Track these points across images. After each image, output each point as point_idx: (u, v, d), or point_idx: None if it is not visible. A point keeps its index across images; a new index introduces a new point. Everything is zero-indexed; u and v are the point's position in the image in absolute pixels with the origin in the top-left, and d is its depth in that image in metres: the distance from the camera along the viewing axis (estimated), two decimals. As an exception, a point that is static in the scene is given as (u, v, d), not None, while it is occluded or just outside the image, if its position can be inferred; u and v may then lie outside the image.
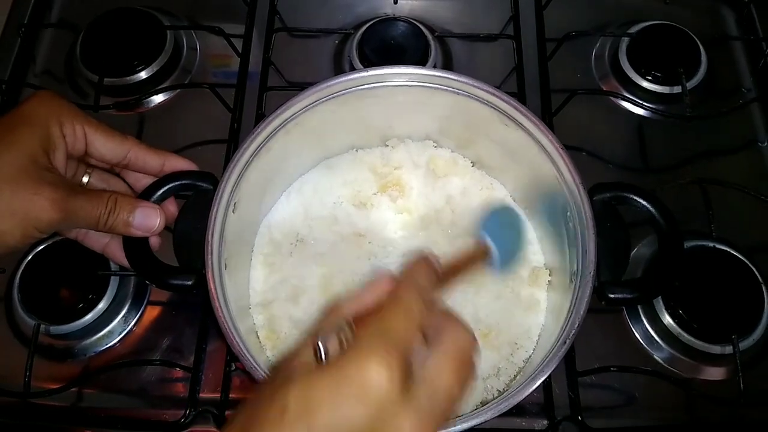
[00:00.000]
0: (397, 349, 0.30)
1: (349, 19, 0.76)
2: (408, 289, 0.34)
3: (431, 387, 0.32)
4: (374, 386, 0.29)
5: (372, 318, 0.33)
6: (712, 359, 0.58)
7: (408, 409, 0.30)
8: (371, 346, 0.30)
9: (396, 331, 0.32)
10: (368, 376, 0.29)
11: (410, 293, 0.34)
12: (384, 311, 0.33)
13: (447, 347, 0.33)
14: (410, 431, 0.30)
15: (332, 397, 0.29)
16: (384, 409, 0.29)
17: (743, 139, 0.70)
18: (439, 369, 0.32)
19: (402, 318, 0.33)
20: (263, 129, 0.52)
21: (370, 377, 0.29)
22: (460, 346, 0.34)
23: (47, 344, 0.58)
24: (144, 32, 0.72)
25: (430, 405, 0.31)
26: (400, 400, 0.30)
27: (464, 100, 0.54)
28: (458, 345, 0.34)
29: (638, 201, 0.50)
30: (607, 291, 0.48)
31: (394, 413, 0.30)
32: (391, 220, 0.61)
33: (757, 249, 0.62)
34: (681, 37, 0.72)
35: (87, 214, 0.45)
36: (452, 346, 0.33)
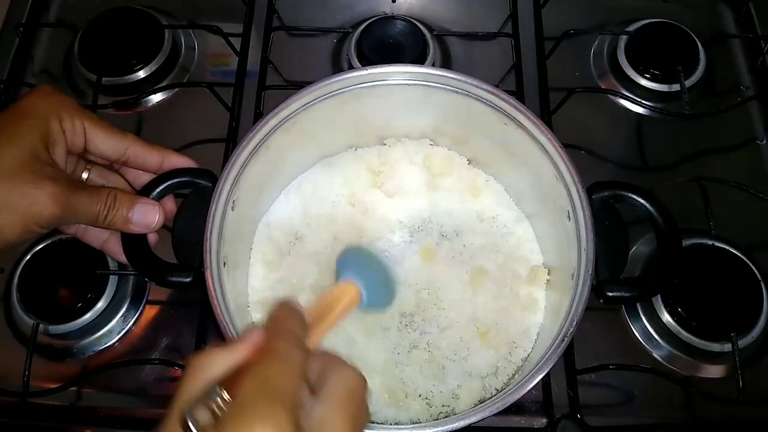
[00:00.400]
0: (283, 405, 0.28)
1: (347, 17, 0.76)
2: (281, 337, 0.32)
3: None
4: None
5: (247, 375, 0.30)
6: (711, 357, 0.58)
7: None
8: (254, 406, 0.27)
9: (277, 384, 0.29)
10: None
11: (284, 341, 0.32)
12: (259, 365, 0.30)
13: (334, 391, 0.31)
14: None
15: None
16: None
17: (742, 137, 0.70)
18: (329, 417, 0.30)
19: (281, 369, 0.30)
20: (262, 127, 0.52)
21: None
22: (347, 387, 0.32)
23: (46, 343, 0.58)
24: (142, 31, 0.72)
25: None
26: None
27: (463, 98, 0.54)
28: (346, 387, 0.32)
29: (636, 200, 0.50)
30: (605, 289, 0.48)
31: None
32: (388, 218, 0.60)
33: (755, 247, 0.62)
34: (679, 35, 0.72)
35: (87, 209, 0.45)
36: (339, 389, 0.31)
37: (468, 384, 0.53)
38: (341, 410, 0.30)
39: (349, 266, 0.43)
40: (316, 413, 0.30)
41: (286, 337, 0.32)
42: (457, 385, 0.53)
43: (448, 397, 0.53)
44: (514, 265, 0.58)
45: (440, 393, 0.53)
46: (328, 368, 0.32)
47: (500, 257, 0.58)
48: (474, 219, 0.61)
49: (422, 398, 0.53)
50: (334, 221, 0.60)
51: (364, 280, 0.42)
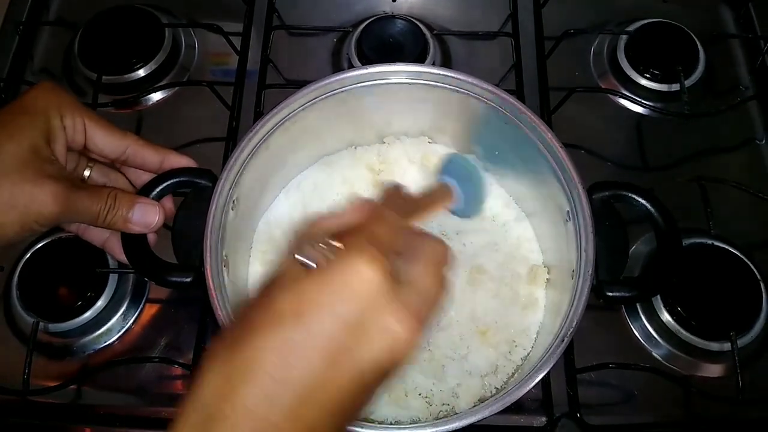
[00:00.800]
0: (384, 253, 0.32)
1: (347, 17, 0.76)
2: (387, 208, 0.38)
3: (415, 288, 0.34)
4: (363, 283, 0.31)
5: (356, 229, 0.35)
6: (711, 356, 0.58)
7: (394, 304, 0.32)
8: (360, 248, 0.32)
9: (381, 238, 0.34)
10: (358, 274, 0.31)
11: (389, 211, 0.37)
12: (367, 224, 0.35)
13: (425, 255, 0.36)
14: (397, 326, 0.31)
15: (324, 296, 0.31)
16: (373, 304, 0.31)
17: (741, 137, 0.70)
18: (421, 273, 0.35)
19: (385, 228, 0.35)
20: (262, 126, 0.52)
21: (359, 275, 0.31)
22: (436, 254, 0.36)
23: (46, 342, 0.58)
24: (142, 30, 0.72)
25: (415, 303, 0.33)
26: (386, 294, 0.31)
27: (463, 97, 0.54)
28: (435, 253, 0.36)
29: (637, 200, 0.50)
30: (605, 289, 0.48)
31: (383, 307, 0.31)
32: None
33: (755, 246, 0.62)
34: (679, 35, 0.72)
35: (87, 209, 0.45)
36: (429, 253, 0.36)
37: (467, 383, 0.53)
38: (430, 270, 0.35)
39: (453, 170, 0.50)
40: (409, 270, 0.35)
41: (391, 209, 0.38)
42: (457, 383, 0.53)
43: (448, 395, 0.53)
44: (514, 264, 0.58)
45: (440, 392, 0.53)
46: (420, 239, 0.37)
47: (500, 256, 0.58)
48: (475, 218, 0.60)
49: (422, 397, 0.53)
50: (335, 221, 0.60)
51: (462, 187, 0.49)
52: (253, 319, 0.31)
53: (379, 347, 0.31)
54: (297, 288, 0.31)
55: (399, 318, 0.31)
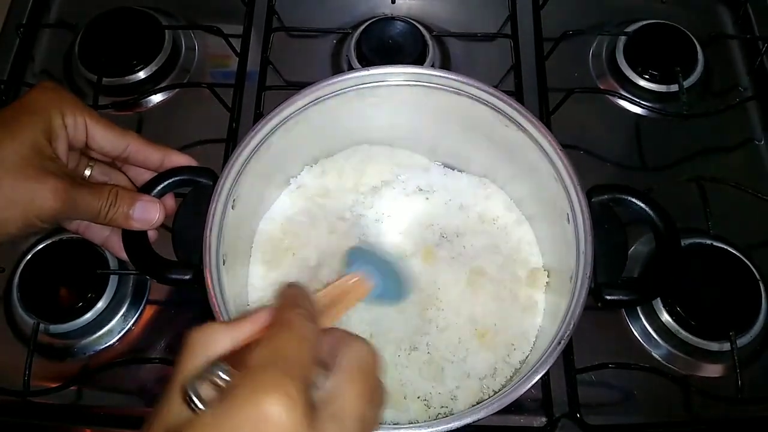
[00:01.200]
0: (293, 375, 0.26)
1: (347, 18, 0.76)
2: (294, 311, 0.31)
3: (337, 413, 0.28)
4: (275, 422, 0.25)
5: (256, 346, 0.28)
6: (710, 356, 0.58)
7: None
8: (264, 375, 0.26)
9: (288, 355, 0.28)
10: (266, 410, 0.25)
11: (298, 315, 0.30)
12: (270, 337, 0.29)
13: (345, 364, 0.30)
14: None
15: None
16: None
17: (740, 137, 0.70)
18: (342, 391, 0.29)
19: (294, 341, 0.29)
20: (263, 127, 0.52)
21: (268, 412, 0.25)
22: (361, 362, 0.30)
23: (47, 343, 0.58)
24: (142, 32, 0.73)
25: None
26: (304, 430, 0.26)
27: (464, 100, 0.54)
28: (359, 362, 0.30)
29: (636, 203, 0.50)
30: (604, 293, 0.48)
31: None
32: (390, 218, 0.61)
33: (754, 246, 0.62)
34: (678, 35, 0.72)
35: (88, 205, 0.45)
36: (352, 364, 0.30)
37: (466, 385, 0.53)
38: (353, 382, 0.29)
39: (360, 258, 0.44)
40: (328, 388, 0.29)
41: (297, 311, 0.31)
42: (456, 386, 0.53)
43: (446, 398, 0.53)
44: (514, 267, 0.58)
45: (439, 394, 0.53)
46: (340, 343, 0.31)
47: (500, 259, 0.58)
48: (475, 220, 0.61)
49: (421, 399, 0.53)
50: (335, 221, 0.60)
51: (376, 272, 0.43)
52: None
53: None
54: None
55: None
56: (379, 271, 0.44)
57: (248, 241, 0.59)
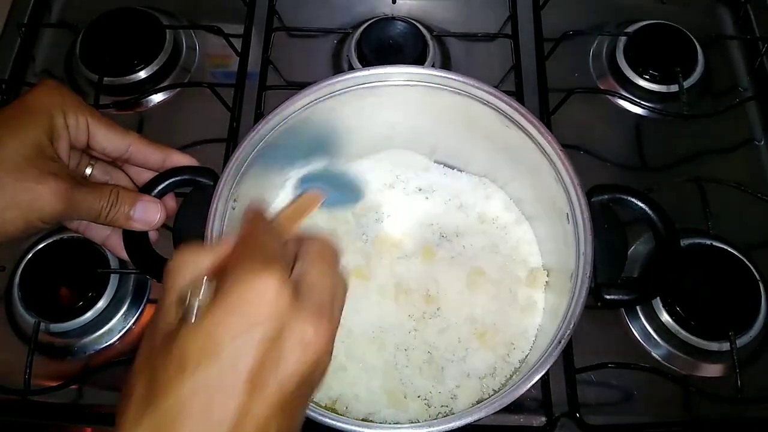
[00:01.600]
0: (277, 260, 0.31)
1: (347, 18, 0.76)
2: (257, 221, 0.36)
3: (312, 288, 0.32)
4: (267, 300, 0.29)
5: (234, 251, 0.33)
6: (710, 356, 0.58)
7: (302, 312, 0.30)
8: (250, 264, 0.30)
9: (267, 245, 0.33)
10: (257, 290, 0.29)
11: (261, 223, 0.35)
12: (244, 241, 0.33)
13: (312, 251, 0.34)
14: (311, 330, 0.30)
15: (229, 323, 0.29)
16: (281, 317, 0.30)
17: (740, 138, 0.70)
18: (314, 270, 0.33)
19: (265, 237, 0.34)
20: (264, 126, 0.52)
21: (259, 291, 0.29)
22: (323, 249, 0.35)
23: (47, 342, 0.59)
24: (143, 32, 0.73)
25: (319, 304, 0.32)
26: (293, 305, 0.30)
27: (465, 100, 0.54)
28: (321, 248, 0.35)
29: (636, 203, 0.50)
30: (603, 292, 0.48)
31: (292, 318, 0.30)
32: (390, 218, 0.61)
33: (754, 246, 0.62)
34: (678, 36, 0.72)
35: (89, 206, 0.45)
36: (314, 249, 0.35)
37: (466, 384, 0.53)
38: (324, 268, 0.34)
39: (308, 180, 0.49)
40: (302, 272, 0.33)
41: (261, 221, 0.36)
42: (456, 385, 0.54)
43: (446, 397, 0.53)
44: (514, 267, 0.58)
45: (439, 394, 0.53)
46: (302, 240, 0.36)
47: (499, 259, 0.59)
48: (475, 220, 0.61)
49: (421, 399, 0.53)
50: (337, 221, 0.60)
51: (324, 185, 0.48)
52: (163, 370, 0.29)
53: (297, 359, 0.30)
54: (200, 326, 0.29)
55: (312, 324, 0.30)
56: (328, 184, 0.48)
57: (249, 240, 0.59)
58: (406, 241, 0.60)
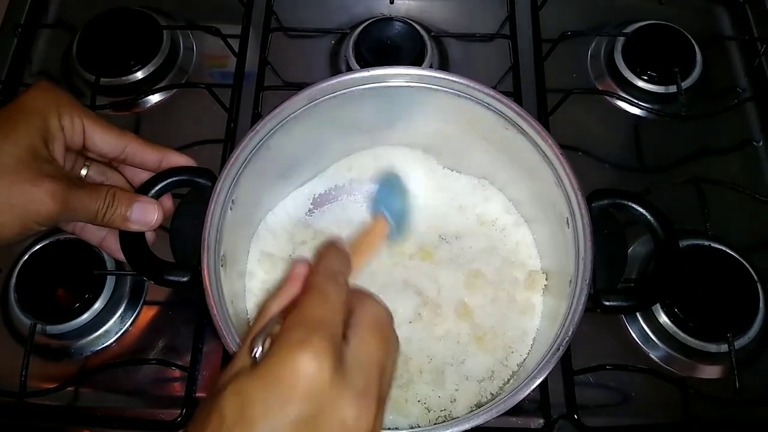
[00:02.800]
0: (321, 335, 0.30)
1: (345, 19, 0.76)
2: (322, 274, 0.35)
3: (360, 364, 0.31)
4: (304, 377, 0.29)
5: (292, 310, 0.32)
6: (708, 358, 0.58)
7: (344, 391, 0.30)
8: (292, 337, 0.30)
9: (316, 316, 0.32)
10: (296, 368, 0.29)
11: (325, 279, 0.34)
12: (300, 301, 0.33)
13: (364, 321, 0.33)
14: (352, 413, 0.30)
15: (265, 397, 0.29)
16: (320, 397, 0.29)
17: (738, 139, 0.70)
18: (363, 344, 0.32)
19: (320, 303, 0.33)
20: (262, 127, 0.52)
21: (297, 369, 0.29)
22: (376, 318, 0.34)
23: (44, 344, 0.58)
24: (140, 32, 0.72)
25: (365, 382, 0.31)
26: (335, 384, 0.29)
27: (464, 101, 0.54)
28: (375, 318, 0.34)
29: (636, 208, 0.50)
30: (602, 298, 0.48)
31: (332, 399, 0.29)
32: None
33: (752, 247, 0.62)
34: (676, 36, 0.72)
35: (85, 207, 0.45)
36: (369, 319, 0.34)
37: (465, 388, 0.53)
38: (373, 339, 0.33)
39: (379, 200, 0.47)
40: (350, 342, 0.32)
41: (327, 274, 0.35)
42: (455, 389, 0.53)
43: (446, 401, 0.53)
44: (512, 270, 0.58)
45: (438, 398, 0.53)
46: (357, 302, 0.35)
47: (498, 261, 0.58)
48: (474, 222, 0.61)
49: (421, 403, 0.53)
50: (335, 223, 0.60)
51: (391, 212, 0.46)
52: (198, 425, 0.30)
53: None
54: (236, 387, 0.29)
55: (354, 405, 0.30)
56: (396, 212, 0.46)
57: (246, 242, 0.59)
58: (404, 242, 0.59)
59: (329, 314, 0.32)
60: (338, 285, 0.34)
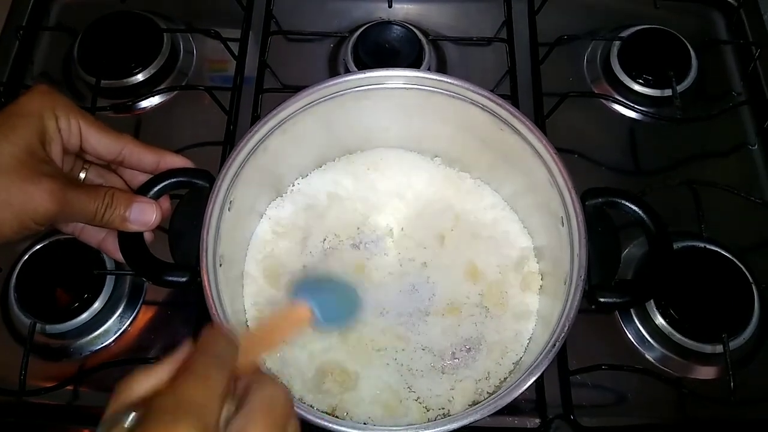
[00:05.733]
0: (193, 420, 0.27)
1: (344, 22, 0.76)
2: (203, 356, 0.31)
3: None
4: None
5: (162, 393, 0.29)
6: (703, 358, 0.59)
7: None
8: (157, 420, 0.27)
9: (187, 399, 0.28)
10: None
11: (206, 360, 0.31)
12: (176, 384, 0.29)
13: (252, 403, 0.30)
14: None
15: None
16: None
17: (733, 142, 0.71)
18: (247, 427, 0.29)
19: (198, 382, 0.29)
20: (260, 128, 0.52)
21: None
22: (268, 398, 0.31)
23: (43, 343, 0.59)
24: (141, 35, 0.73)
25: None
26: None
27: (461, 103, 0.54)
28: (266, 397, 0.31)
29: (629, 206, 0.50)
30: (597, 295, 0.48)
31: None
32: (386, 222, 0.61)
33: (746, 249, 0.63)
34: (672, 40, 0.73)
35: (84, 207, 0.45)
36: (257, 400, 0.31)
37: (462, 387, 0.54)
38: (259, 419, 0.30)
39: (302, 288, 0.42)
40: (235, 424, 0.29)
41: (208, 356, 0.31)
42: (451, 388, 0.54)
43: (444, 400, 0.53)
44: (507, 270, 0.59)
45: (436, 396, 0.54)
46: (252, 384, 0.32)
47: (494, 261, 0.59)
48: (469, 222, 0.61)
49: (419, 402, 0.53)
50: (331, 224, 0.60)
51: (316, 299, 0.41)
52: None
53: None
54: None
55: None
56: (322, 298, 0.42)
57: (244, 243, 0.59)
58: (400, 243, 0.60)
59: (206, 400, 0.29)
60: (222, 369, 0.31)
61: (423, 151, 0.63)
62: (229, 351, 0.33)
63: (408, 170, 0.63)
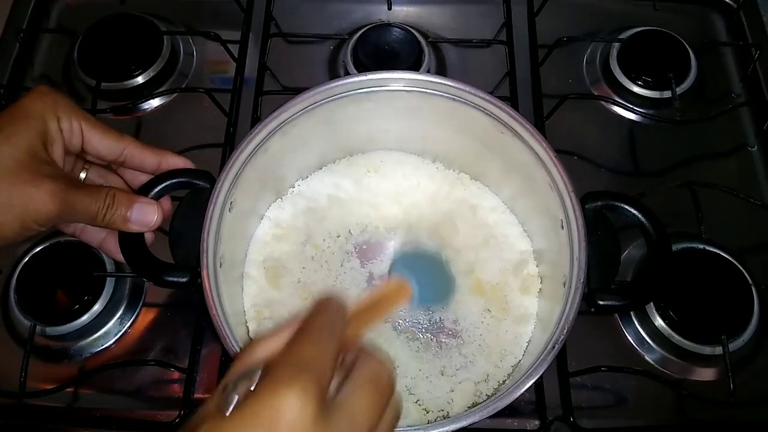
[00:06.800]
0: (309, 376, 0.29)
1: (343, 24, 0.76)
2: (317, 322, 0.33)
3: (348, 416, 0.30)
4: (285, 419, 0.27)
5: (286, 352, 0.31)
6: (703, 360, 0.59)
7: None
8: (280, 376, 0.29)
9: (306, 357, 0.30)
10: (278, 408, 0.27)
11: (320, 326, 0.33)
12: (293, 342, 0.31)
13: (362, 375, 0.32)
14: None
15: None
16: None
17: (733, 143, 0.71)
18: (355, 397, 0.31)
19: (312, 344, 0.31)
20: (261, 130, 0.52)
21: (280, 410, 0.27)
22: (375, 374, 0.32)
23: (43, 345, 0.59)
24: (141, 37, 0.73)
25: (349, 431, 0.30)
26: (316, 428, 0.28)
27: (461, 106, 0.55)
28: (374, 374, 0.32)
29: (629, 210, 0.50)
30: (597, 298, 0.48)
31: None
32: (386, 225, 0.61)
33: (746, 251, 0.63)
34: (671, 42, 0.73)
35: (85, 208, 0.45)
36: (367, 373, 0.32)
37: (461, 389, 0.54)
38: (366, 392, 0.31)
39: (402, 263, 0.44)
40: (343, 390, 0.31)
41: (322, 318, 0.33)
42: (451, 390, 0.54)
43: (444, 402, 0.53)
44: (507, 272, 0.59)
45: (437, 398, 0.54)
46: (359, 357, 0.33)
47: (493, 264, 0.59)
48: (469, 225, 0.61)
49: (418, 404, 0.54)
50: (332, 225, 0.61)
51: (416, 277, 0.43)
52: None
53: None
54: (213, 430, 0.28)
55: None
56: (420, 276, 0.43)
57: (245, 243, 0.59)
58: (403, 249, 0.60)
59: (320, 356, 0.31)
60: (332, 334, 0.32)
61: (423, 153, 0.63)
62: (339, 320, 0.34)
63: (408, 172, 0.63)
